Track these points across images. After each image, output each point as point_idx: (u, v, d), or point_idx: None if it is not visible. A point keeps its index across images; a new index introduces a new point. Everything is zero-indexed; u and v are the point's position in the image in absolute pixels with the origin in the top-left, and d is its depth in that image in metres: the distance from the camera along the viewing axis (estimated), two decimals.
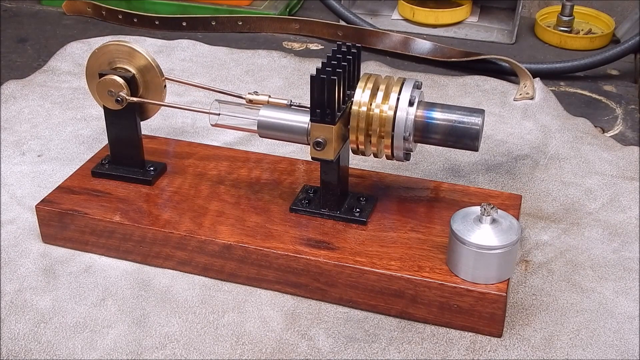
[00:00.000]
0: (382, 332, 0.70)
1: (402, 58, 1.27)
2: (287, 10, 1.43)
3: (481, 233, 0.67)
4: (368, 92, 0.71)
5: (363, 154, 0.74)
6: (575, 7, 1.34)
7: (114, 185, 0.83)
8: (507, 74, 1.18)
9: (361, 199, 0.79)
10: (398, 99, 0.71)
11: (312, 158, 0.73)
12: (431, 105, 0.72)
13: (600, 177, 0.92)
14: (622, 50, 1.17)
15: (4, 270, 0.77)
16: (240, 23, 1.36)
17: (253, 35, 1.36)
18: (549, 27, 1.35)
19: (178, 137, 0.97)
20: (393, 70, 1.20)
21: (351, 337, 0.70)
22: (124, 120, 0.81)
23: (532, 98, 1.09)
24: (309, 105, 0.71)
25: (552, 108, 1.07)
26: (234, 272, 0.75)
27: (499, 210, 0.69)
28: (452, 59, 1.22)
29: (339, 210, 0.77)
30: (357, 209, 0.77)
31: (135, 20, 1.38)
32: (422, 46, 1.26)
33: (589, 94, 1.16)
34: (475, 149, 0.73)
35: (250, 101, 0.77)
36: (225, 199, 0.80)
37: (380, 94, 0.71)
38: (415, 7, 1.39)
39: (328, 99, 0.69)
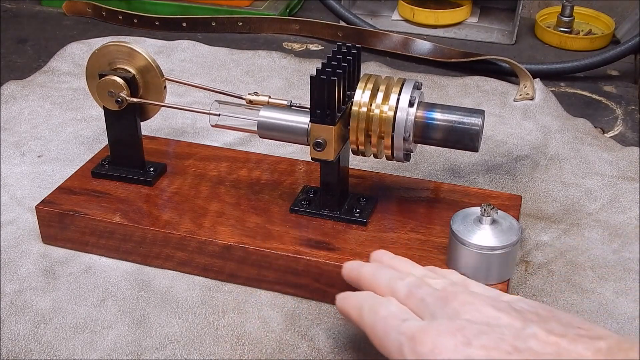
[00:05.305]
0: None
1: (402, 59, 1.27)
2: (287, 10, 1.43)
3: (481, 234, 0.67)
4: (368, 93, 0.71)
5: (363, 154, 0.74)
6: (575, 7, 1.34)
7: (114, 186, 0.83)
8: (507, 75, 1.18)
9: (361, 199, 0.79)
10: (398, 99, 0.71)
11: (312, 159, 0.73)
12: (431, 106, 0.72)
13: (600, 177, 0.92)
14: (622, 51, 1.17)
15: (4, 271, 0.77)
16: (240, 24, 1.36)
17: (253, 35, 1.36)
18: (549, 27, 1.35)
19: (178, 138, 0.97)
20: (393, 70, 1.20)
21: (351, 338, 0.70)
22: (124, 121, 0.81)
23: (532, 99, 1.09)
24: (309, 106, 0.71)
25: (552, 109, 1.07)
26: (234, 273, 0.75)
27: (499, 211, 0.69)
28: (452, 60, 1.22)
29: (339, 211, 0.77)
30: (357, 210, 0.77)
31: (135, 21, 1.38)
32: (422, 47, 1.26)
33: (589, 94, 1.16)
34: (475, 150, 0.73)
35: (250, 102, 0.77)
36: (225, 200, 0.80)
37: (380, 95, 0.71)
38: (416, 7, 1.39)
39: (328, 99, 0.69)
